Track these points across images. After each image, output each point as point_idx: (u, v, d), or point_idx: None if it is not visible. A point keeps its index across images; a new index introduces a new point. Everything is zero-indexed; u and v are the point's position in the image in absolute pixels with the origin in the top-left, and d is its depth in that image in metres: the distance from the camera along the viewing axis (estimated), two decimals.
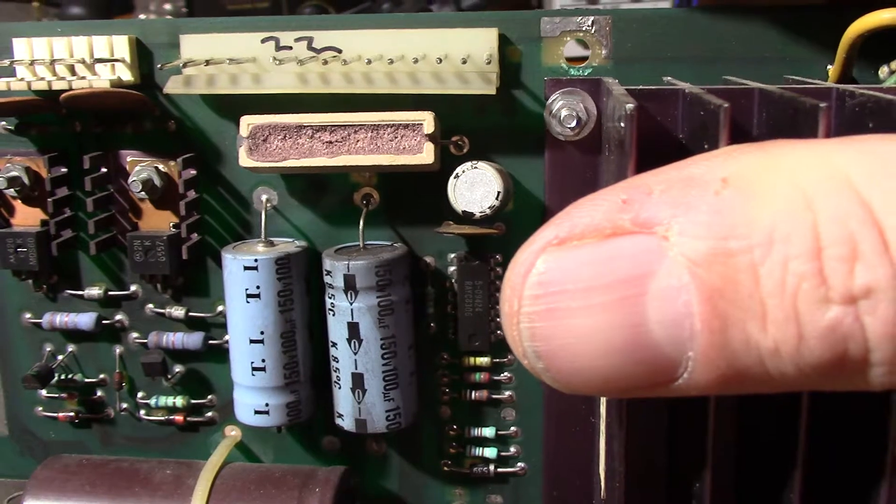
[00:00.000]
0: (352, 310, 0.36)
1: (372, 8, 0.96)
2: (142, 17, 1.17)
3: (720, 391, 0.20)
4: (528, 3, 1.19)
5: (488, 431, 0.40)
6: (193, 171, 0.38)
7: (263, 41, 0.36)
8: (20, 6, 1.13)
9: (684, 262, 0.19)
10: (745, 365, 0.19)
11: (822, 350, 0.18)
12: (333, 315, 0.37)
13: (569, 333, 0.20)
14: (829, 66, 0.34)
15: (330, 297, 0.37)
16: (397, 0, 1.06)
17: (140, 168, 0.38)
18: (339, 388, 0.38)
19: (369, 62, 0.35)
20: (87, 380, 0.42)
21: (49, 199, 0.39)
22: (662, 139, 0.29)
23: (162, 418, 0.42)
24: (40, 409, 0.43)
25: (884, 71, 0.35)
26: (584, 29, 0.36)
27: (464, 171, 0.35)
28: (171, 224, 0.39)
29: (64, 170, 0.39)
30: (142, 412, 0.42)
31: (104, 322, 0.41)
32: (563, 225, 0.21)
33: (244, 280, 0.36)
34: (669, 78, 0.34)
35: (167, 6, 1.18)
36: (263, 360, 0.37)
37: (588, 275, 0.20)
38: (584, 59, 0.36)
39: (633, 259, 0.19)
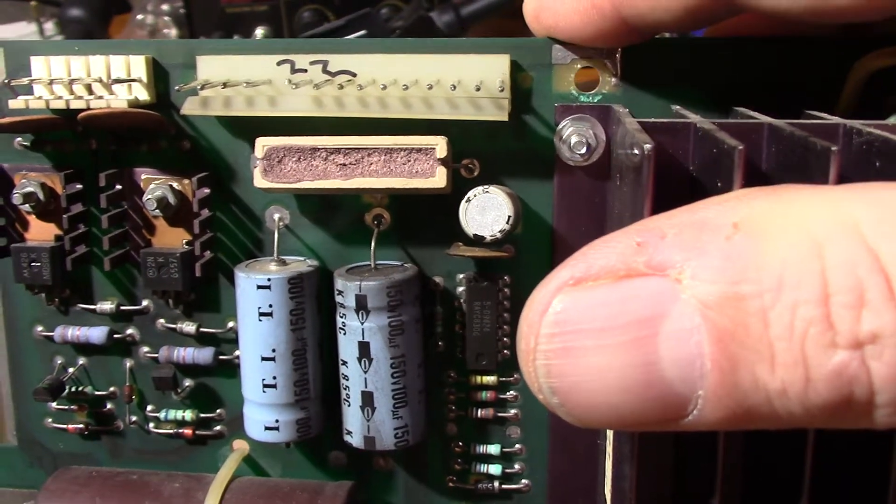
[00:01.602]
0: (363, 329, 0.37)
1: (371, 14, 0.97)
2: (139, 17, 1.17)
3: (728, 428, 0.21)
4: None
5: (494, 449, 0.41)
6: (207, 190, 0.39)
7: (279, 64, 0.37)
8: (18, 5, 1.13)
9: (696, 304, 0.20)
10: (753, 404, 0.20)
11: (829, 392, 0.19)
12: (344, 334, 0.37)
13: (584, 371, 0.21)
14: (836, 97, 0.35)
15: (341, 317, 0.37)
16: (397, 6, 1.07)
17: (154, 186, 0.39)
18: (349, 405, 0.38)
19: (384, 87, 0.36)
20: (97, 392, 0.42)
21: (64, 215, 0.39)
22: (674, 172, 0.30)
23: (171, 431, 0.42)
24: (50, 420, 0.43)
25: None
26: (594, 56, 0.37)
27: (475, 196, 0.35)
28: (185, 241, 0.40)
29: (79, 186, 0.40)
30: (151, 425, 0.42)
31: (115, 336, 0.41)
32: (579, 266, 0.21)
33: (257, 299, 0.37)
34: (678, 108, 0.35)
35: (165, 7, 1.19)
36: (274, 378, 0.38)
37: (603, 315, 0.21)
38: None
39: (647, 301, 0.20)
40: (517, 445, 0.40)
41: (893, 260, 0.18)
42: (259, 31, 0.96)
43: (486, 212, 0.35)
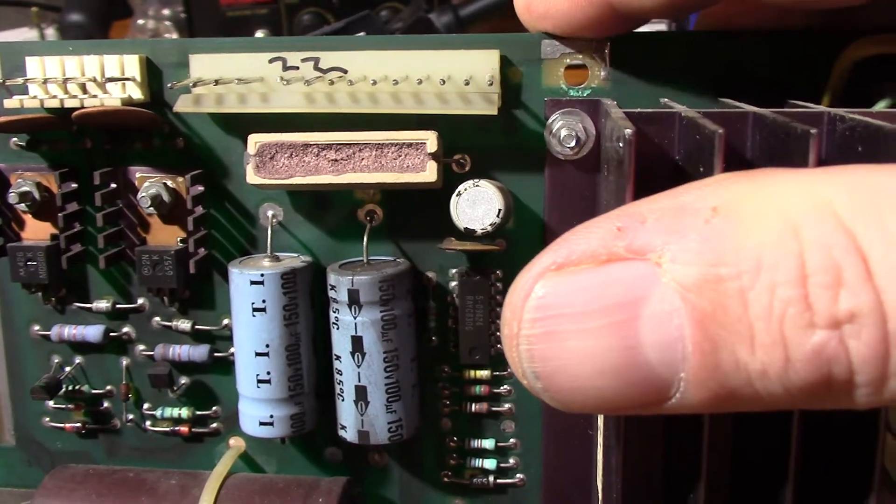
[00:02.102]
0: (355, 324, 0.37)
1: (370, 16, 0.97)
2: (140, 21, 1.18)
3: (711, 410, 0.21)
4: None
5: (488, 443, 0.41)
6: (201, 188, 0.39)
7: (271, 61, 0.37)
8: (19, 11, 1.14)
9: (676, 287, 0.20)
10: (734, 385, 0.20)
11: (808, 372, 0.19)
12: (337, 329, 0.38)
13: (566, 355, 0.21)
14: (823, 89, 0.35)
15: (334, 312, 0.38)
16: (396, 8, 1.07)
17: (149, 184, 0.39)
18: (343, 400, 0.38)
19: (374, 83, 0.36)
20: (93, 391, 0.43)
21: (59, 214, 0.39)
22: (659, 161, 0.30)
23: (167, 429, 0.42)
24: (47, 419, 0.43)
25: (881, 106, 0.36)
26: (583, 50, 0.37)
27: (466, 189, 0.36)
28: (179, 239, 0.40)
29: (74, 185, 0.40)
30: (147, 423, 0.43)
31: (112, 334, 0.42)
32: (561, 251, 0.22)
33: (250, 294, 0.37)
34: (666, 100, 0.35)
35: (165, 11, 1.19)
36: (269, 373, 0.38)
37: (584, 299, 0.21)
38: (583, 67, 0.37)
39: (628, 284, 0.20)
40: (511, 440, 0.41)
41: (869, 240, 0.19)
42: (259, 35, 0.96)
43: (477, 205, 0.36)
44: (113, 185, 0.40)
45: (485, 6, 0.95)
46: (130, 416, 0.43)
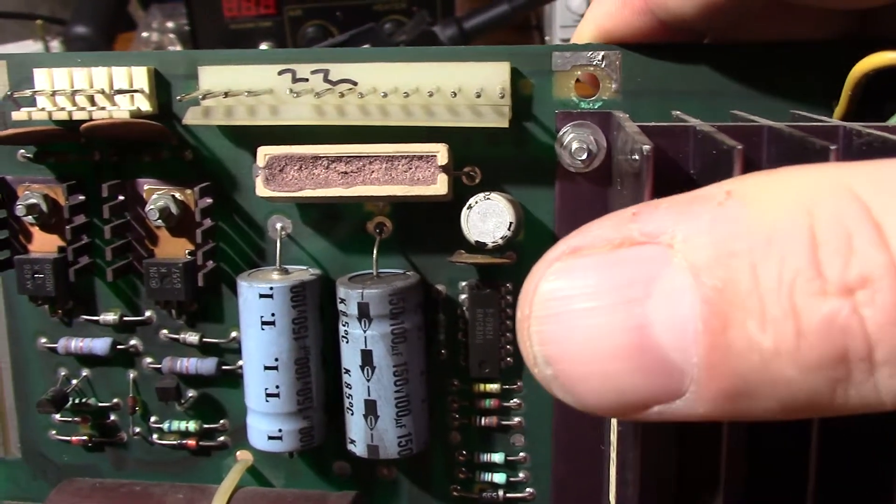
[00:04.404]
0: (365, 337, 0.37)
1: (374, 29, 0.97)
2: (144, 34, 1.18)
3: (728, 409, 0.20)
4: (527, 22, 1.20)
5: (498, 457, 0.40)
6: (209, 200, 0.39)
7: (280, 73, 0.37)
8: (24, 24, 1.14)
9: (687, 266, 0.19)
10: (748, 370, 0.19)
11: (822, 345, 0.18)
12: (347, 342, 0.37)
13: (575, 336, 0.21)
14: (835, 102, 0.35)
15: (344, 325, 0.37)
16: (400, 21, 1.07)
17: (157, 196, 0.39)
18: (352, 414, 0.38)
19: (385, 95, 0.36)
20: (100, 404, 0.42)
21: (67, 227, 0.39)
22: (674, 174, 0.30)
23: (174, 442, 0.42)
24: (54, 432, 0.43)
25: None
26: (594, 63, 0.37)
27: (477, 202, 0.35)
28: (187, 251, 0.40)
29: (82, 197, 0.40)
30: (154, 436, 0.42)
31: (119, 347, 0.41)
32: (576, 237, 0.22)
33: (259, 307, 0.37)
34: (678, 112, 0.35)
35: (170, 24, 1.20)
36: (277, 387, 0.38)
37: (595, 280, 0.21)
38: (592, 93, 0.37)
39: (639, 265, 0.20)
40: (521, 454, 0.40)
41: (885, 211, 0.18)
42: (263, 47, 0.97)
43: (488, 218, 0.35)
44: (121, 198, 0.39)
45: (489, 19, 0.95)
46: (137, 430, 0.42)
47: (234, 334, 0.41)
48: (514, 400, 0.40)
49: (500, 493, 0.41)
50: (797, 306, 0.18)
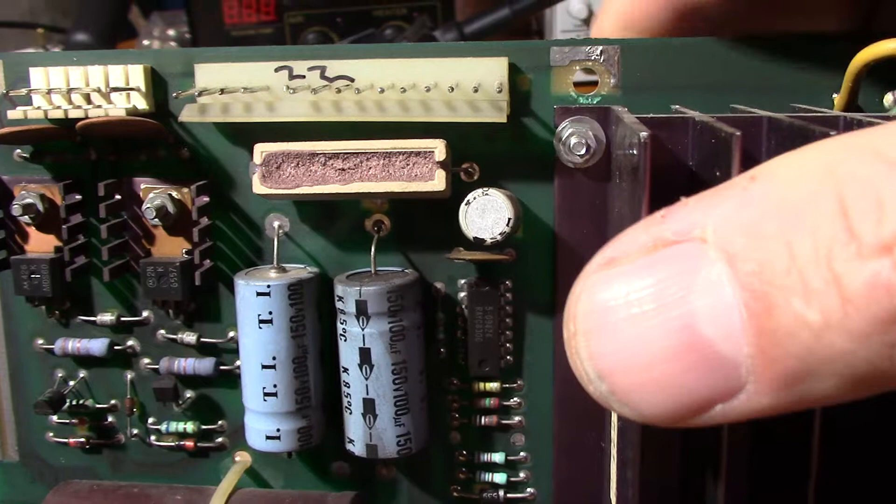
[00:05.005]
0: (363, 335, 0.36)
1: (375, 34, 0.97)
2: (145, 42, 1.18)
3: (793, 397, 0.19)
4: (528, 27, 1.20)
5: (498, 457, 0.40)
6: (206, 198, 0.39)
7: (277, 70, 0.37)
8: (25, 32, 1.14)
9: (722, 256, 0.19)
10: (801, 349, 0.18)
11: (869, 308, 0.18)
12: (345, 340, 0.37)
13: (623, 345, 0.20)
14: (835, 95, 0.35)
15: (342, 323, 0.37)
16: (400, 26, 1.07)
17: (154, 195, 0.39)
18: (350, 413, 0.38)
19: (382, 91, 0.36)
20: (98, 405, 0.42)
21: (63, 226, 0.39)
22: (673, 166, 0.29)
23: (172, 444, 0.42)
24: (51, 434, 0.43)
25: (888, 99, 0.35)
26: (592, 58, 0.36)
27: (475, 198, 0.35)
28: (184, 250, 0.39)
29: (78, 197, 0.39)
30: (152, 438, 0.42)
31: (116, 348, 0.41)
32: (610, 248, 0.21)
33: (257, 306, 0.37)
34: (677, 106, 0.35)
35: (170, 32, 1.20)
36: (275, 386, 0.37)
37: (635, 286, 0.20)
38: (592, 84, 0.37)
39: (675, 264, 0.20)
40: (522, 453, 0.40)
41: None
42: None
43: (486, 214, 0.35)
44: (117, 197, 0.39)
45: (489, 23, 0.95)
46: (135, 431, 0.42)
47: (231, 334, 0.40)
48: (515, 399, 0.39)
49: (501, 493, 0.40)
50: (837, 274, 0.18)
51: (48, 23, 1.19)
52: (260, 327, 0.37)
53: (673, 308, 0.20)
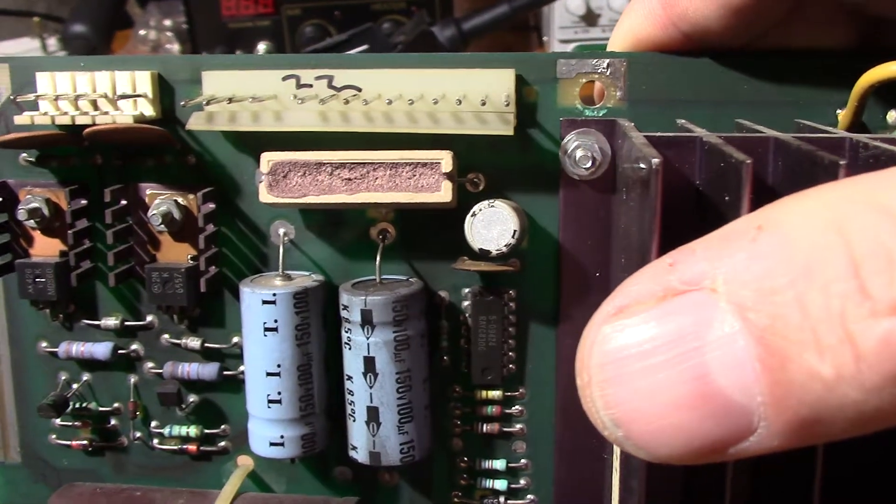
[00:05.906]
0: (368, 344, 0.37)
1: (373, 29, 0.97)
2: (142, 32, 1.18)
3: (803, 437, 0.20)
4: (526, 23, 1.20)
5: (499, 464, 0.40)
6: (212, 205, 0.39)
7: (284, 79, 0.37)
8: (21, 21, 1.14)
9: (734, 308, 0.20)
10: (814, 399, 0.19)
11: (883, 365, 0.18)
12: (350, 349, 0.37)
13: (639, 396, 0.21)
14: (839, 111, 0.35)
15: (346, 332, 0.37)
16: (398, 21, 1.07)
17: (160, 201, 0.39)
18: (354, 420, 0.38)
19: (389, 102, 0.36)
20: (101, 408, 0.42)
21: (69, 231, 0.39)
22: (679, 186, 0.30)
23: (175, 447, 0.42)
24: (54, 436, 0.43)
25: (892, 116, 0.35)
26: (599, 71, 0.37)
27: (481, 210, 0.35)
28: (190, 256, 0.39)
29: (84, 202, 0.40)
30: (155, 441, 0.42)
31: (120, 352, 0.41)
32: (618, 297, 0.22)
33: (262, 314, 0.37)
34: (683, 121, 0.35)
35: (167, 22, 1.19)
36: (280, 393, 0.38)
37: (647, 337, 0.21)
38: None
39: (687, 315, 0.20)
40: (523, 460, 0.40)
41: None
42: (261, 46, 0.96)
43: (492, 226, 0.35)
44: (123, 202, 0.39)
45: (488, 20, 0.95)
46: (138, 434, 0.42)
47: (235, 339, 0.40)
48: (516, 407, 0.40)
49: (502, 499, 0.41)
50: (851, 332, 0.18)
51: (44, 11, 1.19)
52: (265, 335, 0.37)
53: (687, 359, 0.20)
